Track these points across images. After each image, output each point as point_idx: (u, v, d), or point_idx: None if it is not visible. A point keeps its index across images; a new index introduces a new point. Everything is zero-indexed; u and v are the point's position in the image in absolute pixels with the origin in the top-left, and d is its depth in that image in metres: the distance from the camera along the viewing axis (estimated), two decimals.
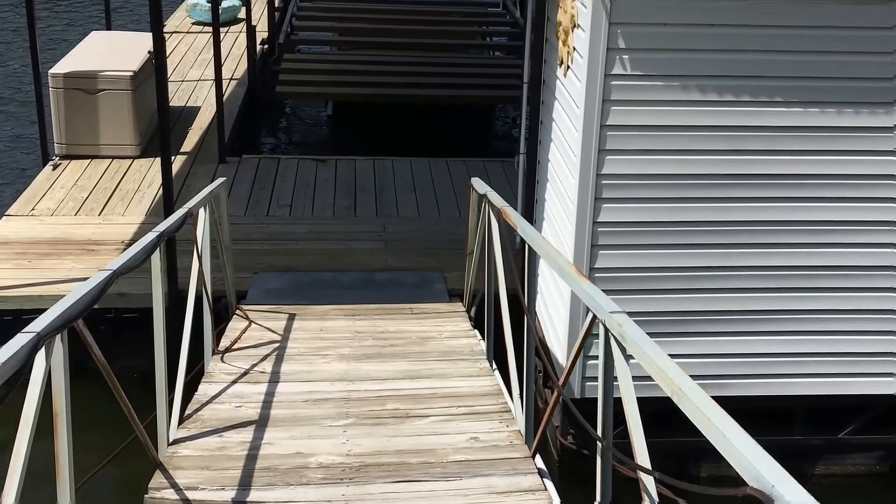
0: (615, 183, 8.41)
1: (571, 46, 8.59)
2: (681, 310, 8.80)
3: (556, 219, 9.27)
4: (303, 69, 17.51)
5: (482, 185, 8.89)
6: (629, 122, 8.24)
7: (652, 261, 8.63)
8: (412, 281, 10.93)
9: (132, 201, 12.76)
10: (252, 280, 10.84)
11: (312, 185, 13.46)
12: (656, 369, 4.45)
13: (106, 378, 5.93)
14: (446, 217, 12.61)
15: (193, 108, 16.16)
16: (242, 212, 12.62)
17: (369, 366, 8.68)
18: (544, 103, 9.84)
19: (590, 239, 8.54)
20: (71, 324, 5.16)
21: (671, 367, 4.38)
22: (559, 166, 9.17)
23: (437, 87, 16.63)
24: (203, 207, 8.83)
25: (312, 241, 11.85)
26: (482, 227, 9.06)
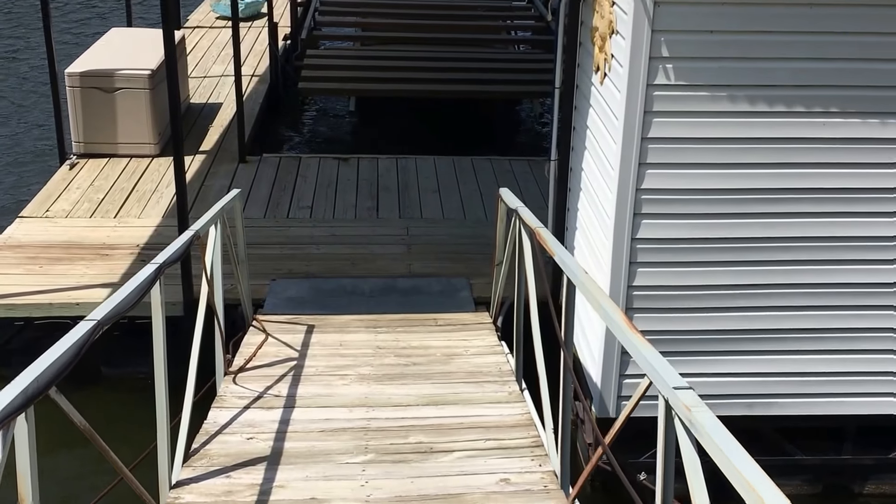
0: (656, 198, 7.55)
1: (609, 53, 7.71)
2: (722, 328, 7.95)
3: (591, 231, 8.41)
4: (325, 65, 16.62)
5: (512, 199, 8.03)
6: (671, 134, 7.38)
7: (692, 279, 7.78)
8: (436, 288, 10.08)
9: (149, 203, 11.95)
10: (270, 287, 10.02)
11: (334, 184, 12.60)
12: (736, 476, 3.55)
13: (90, 439, 5.10)
14: (471, 219, 11.76)
15: (215, 105, 15.32)
16: (262, 214, 11.79)
17: (391, 388, 7.84)
18: (577, 109, 8.97)
19: (628, 256, 7.69)
20: (39, 398, 4.29)
21: (755, 474, 3.47)
22: (594, 177, 8.30)
23: (461, 83, 15.72)
24: (214, 225, 8.00)
25: (333, 244, 11.01)
26: (511, 241, 8.21)
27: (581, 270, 5.92)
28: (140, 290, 5.86)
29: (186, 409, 6.96)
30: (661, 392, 4.38)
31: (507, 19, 20.58)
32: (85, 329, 4.99)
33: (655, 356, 4.58)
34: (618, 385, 8.06)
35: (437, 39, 18.18)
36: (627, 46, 7.18)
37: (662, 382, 4.36)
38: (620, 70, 7.40)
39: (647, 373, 4.61)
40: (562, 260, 6.22)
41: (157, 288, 6.26)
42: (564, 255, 6.25)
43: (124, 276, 10.05)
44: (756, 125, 7.37)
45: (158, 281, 6.27)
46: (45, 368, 4.43)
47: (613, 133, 7.62)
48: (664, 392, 4.35)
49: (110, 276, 10.09)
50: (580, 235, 8.89)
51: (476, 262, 10.53)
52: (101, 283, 9.98)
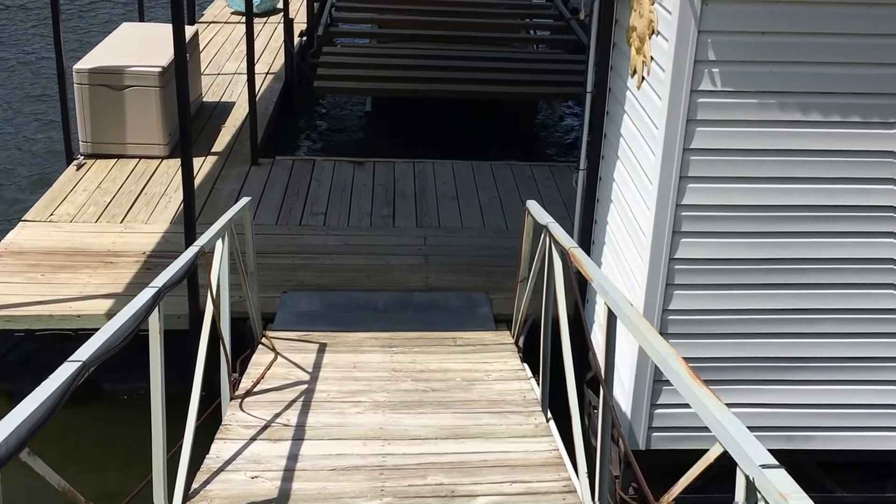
0: (696, 214, 6.75)
1: (648, 56, 6.91)
2: (762, 356, 7.16)
3: (623, 248, 7.61)
4: (341, 63, 15.81)
5: (542, 213, 7.26)
6: (716, 145, 6.58)
7: (731, 302, 6.99)
8: (455, 304, 9.30)
9: (157, 207, 11.19)
10: (281, 300, 9.26)
11: (349, 190, 11.80)
12: None
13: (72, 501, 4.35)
14: (491, 228, 10.94)
15: (228, 104, 14.54)
16: (274, 220, 11.01)
17: (408, 418, 7.08)
18: (609, 114, 8.17)
19: (665, 277, 6.90)
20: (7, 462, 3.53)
21: None
22: (627, 189, 7.51)
23: (479, 83, 14.87)
24: (221, 238, 7.23)
25: (347, 255, 10.23)
26: (539, 258, 7.44)
27: (626, 301, 5.13)
28: (136, 320, 5.12)
29: (187, 440, 6.23)
30: (744, 469, 3.56)
31: (526, 17, 19.75)
32: (68, 373, 4.24)
33: (733, 422, 3.73)
34: (648, 416, 7.28)
35: (454, 37, 17.36)
36: (670, 48, 6.38)
37: (746, 458, 3.53)
38: (661, 74, 6.61)
39: (721, 441, 3.78)
40: (602, 287, 5.43)
41: (155, 315, 5.52)
42: (604, 282, 5.46)
43: (129, 286, 9.35)
44: (808, 136, 6.56)
45: (157, 307, 5.51)
46: (17, 426, 3.69)
47: (652, 143, 6.83)
48: (748, 470, 3.53)
49: (114, 286, 9.37)
50: (609, 251, 8.10)
51: (495, 275, 9.78)
52: (105, 293, 9.26)
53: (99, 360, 4.57)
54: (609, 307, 5.31)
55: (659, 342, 4.45)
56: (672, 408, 7.20)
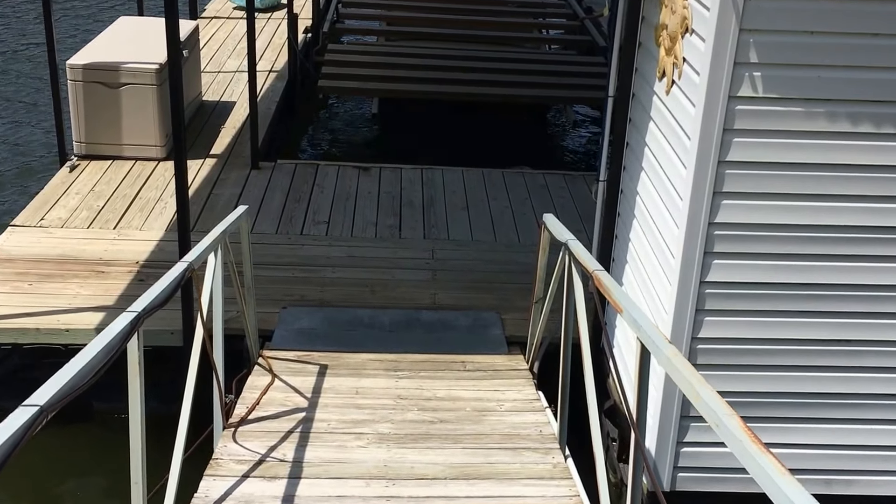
0: (731, 234, 6.14)
1: (680, 57, 6.29)
2: (801, 391, 6.55)
3: (648, 268, 6.99)
4: (347, 61, 15.19)
5: (560, 229, 6.64)
6: (755, 157, 5.96)
7: (770, 331, 6.38)
8: (464, 323, 8.68)
9: (152, 213, 10.59)
10: (280, 316, 8.66)
11: (353, 197, 11.18)
12: None
13: None
14: (503, 242, 10.30)
15: (228, 104, 13.92)
16: (274, 229, 10.40)
17: (414, 454, 6.48)
18: (632, 122, 7.56)
19: (694, 302, 6.28)
20: None
21: None
22: (653, 204, 6.89)
23: (491, 85, 14.24)
24: (214, 251, 6.62)
25: (351, 268, 9.61)
26: (557, 278, 6.83)
27: (663, 338, 4.50)
28: (108, 352, 4.50)
29: (173, 476, 5.68)
30: None
31: (539, 17, 19.10)
32: (22, 420, 3.62)
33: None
34: (674, 454, 6.66)
35: (465, 37, 16.73)
36: (707, 49, 5.76)
37: None
38: (695, 78, 5.98)
39: None
40: (635, 321, 4.79)
41: (133, 343, 4.92)
42: (638, 315, 4.83)
43: (120, 298, 8.78)
44: (858, 149, 5.94)
45: (136, 334, 4.92)
46: None
47: (682, 154, 6.21)
48: None
49: (105, 298, 8.80)
50: (631, 270, 7.48)
51: (507, 292, 9.15)
52: (95, 305, 8.69)
53: (61, 403, 3.96)
54: (643, 343, 4.69)
55: (710, 394, 3.80)
56: (701, 446, 6.58)
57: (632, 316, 4.79)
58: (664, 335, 4.57)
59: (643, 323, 4.68)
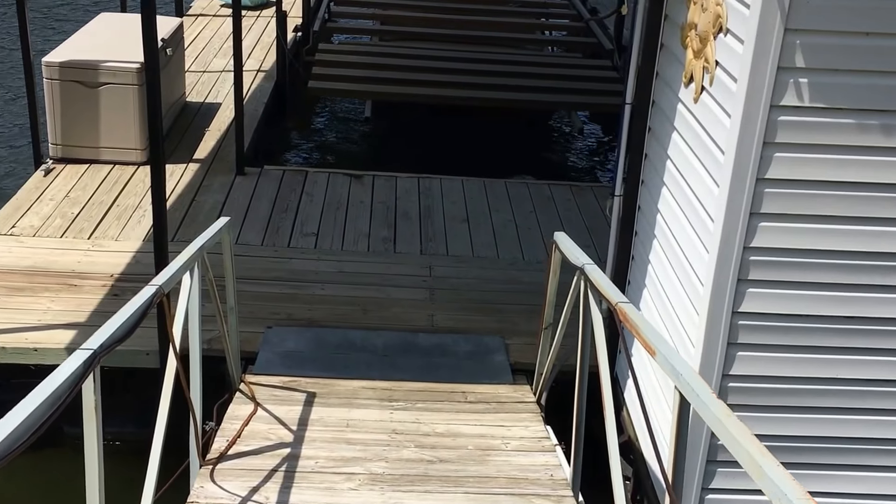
0: (769, 260, 5.49)
1: (712, 61, 5.64)
2: (845, 435, 5.88)
3: (671, 295, 6.34)
4: (339, 62, 14.53)
5: (575, 250, 5.99)
6: (798, 174, 5.31)
7: (811, 368, 5.72)
8: (465, 348, 8.02)
9: (129, 221, 9.94)
10: (264, 337, 8.01)
11: (344, 207, 10.51)
12: None
13: None
14: (506, 258, 9.63)
15: (214, 105, 13.25)
16: (259, 240, 9.74)
17: (412, 499, 5.88)
18: (652, 131, 6.91)
19: (726, 335, 5.63)
20: None
21: None
22: (677, 224, 6.24)
23: (491, 89, 13.57)
24: (189, 270, 5.97)
25: (342, 284, 8.94)
26: (570, 304, 6.19)
27: (709, 391, 3.84)
28: (57, 399, 3.85)
29: None
30: None
31: (541, 17, 18.43)
32: None
33: None
34: (699, 500, 6.01)
35: (463, 37, 16.02)
36: (746, 51, 5.11)
37: None
38: (731, 84, 5.34)
39: None
40: (673, 369, 4.12)
41: (89, 385, 4.27)
42: (677, 361, 4.16)
43: (93, 314, 8.17)
44: None
45: (91, 374, 4.27)
46: None
47: (714, 170, 5.57)
48: None
49: (77, 315, 8.18)
50: (650, 296, 6.83)
51: (511, 314, 8.52)
52: (66, 322, 8.08)
53: None
54: (681, 393, 4.03)
55: (777, 472, 3.14)
56: (729, 493, 5.93)
57: (669, 362, 4.14)
58: (707, 386, 3.92)
59: (683, 370, 4.03)
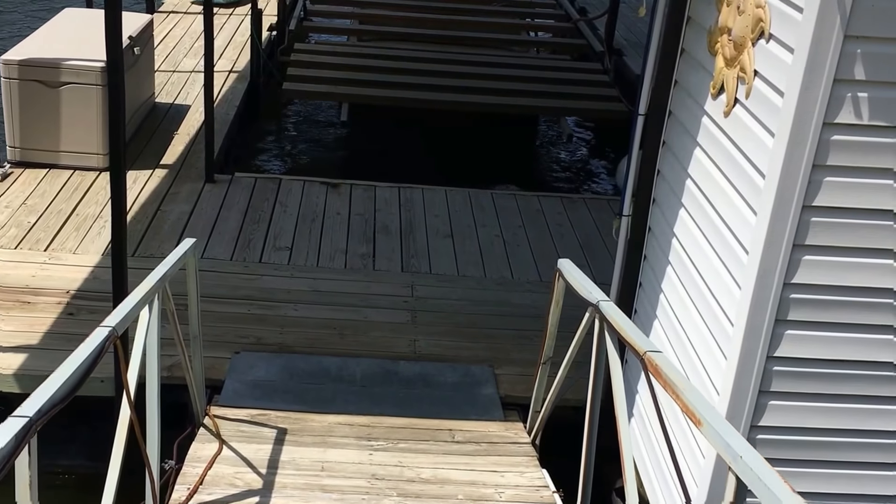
0: (812, 298, 4.72)
1: (749, 70, 4.84)
2: (888, 494, 5.09)
3: (690, 334, 5.54)
4: (315, 62, 13.67)
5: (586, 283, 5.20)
6: (852, 202, 4.55)
7: (854, 420, 4.96)
8: (451, 379, 7.21)
9: (89, 232, 9.08)
10: (231, 364, 7.19)
11: (320, 219, 9.66)
12: None
13: None
14: (493, 278, 8.80)
15: (183, 107, 12.37)
16: (229, 255, 8.88)
17: None
18: (666, 145, 6.12)
19: (758, 381, 4.85)
20: None
21: None
22: (698, 252, 5.45)
23: (476, 93, 12.74)
24: (149, 304, 5.16)
25: (316, 305, 8.11)
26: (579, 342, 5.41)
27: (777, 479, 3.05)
28: None
29: None
30: None
31: (527, 17, 17.61)
32: None
33: None
34: None
35: (445, 38, 15.17)
36: (797, 61, 4.32)
37: None
38: (775, 98, 4.55)
39: None
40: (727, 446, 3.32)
41: (23, 459, 3.50)
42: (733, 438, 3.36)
43: (46, 336, 7.37)
44: None
45: (27, 446, 3.49)
46: None
47: (751, 195, 4.78)
48: None
49: (28, 336, 7.36)
50: (663, 329, 6.03)
51: (500, 340, 7.73)
52: (16, 345, 7.26)
53: None
54: (737, 475, 3.24)
55: None
56: None
57: (724, 439, 3.33)
58: (773, 470, 3.12)
59: (743, 450, 3.23)
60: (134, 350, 5.07)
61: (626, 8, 15.34)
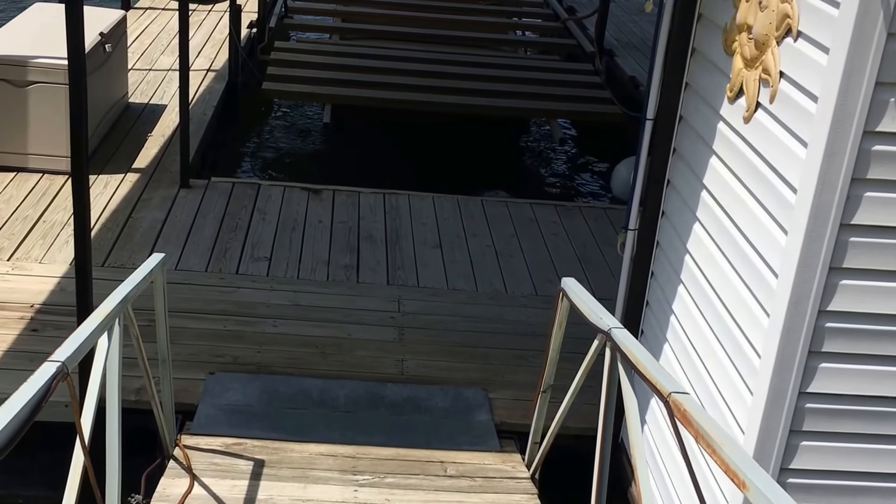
0: (850, 327, 4.21)
1: (773, 71, 4.32)
2: None
3: (708, 362, 5.01)
4: (297, 61, 13.16)
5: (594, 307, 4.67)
6: (891, 220, 4.02)
7: (891, 462, 4.44)
8: (441, 404, 6.66)
9: (57, 239, 8.53)
10: (205, 386, 6.65)
11: (301, 227, 9.11)
12: None
13: None
14: (486, 291, 8.25)
15: (158, 107, 11.81)
16: (203, 265, 8.32)
17: None
18: (677, 153, 5.60)
19: (788, 420, 4.34)
20: None
21: None
22: (717, 274, 4.93)
23: (464, 94, 12.26)
24: (108, 331, 4.62)
25: (296, 321, 7.56)
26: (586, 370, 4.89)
27: None
28: None
29: None
30: None
31: (514, 17, 17.11)
32: None
33: None
34: None
35: (430, 37, 14.70)
36: (834, 62, 3.81)
37: None
38: (806, 103, 4.04)
39: None
40: None
41: None
42: None
43: (6, 354, 6.82)
44: None
45: None
46: None
47: (779, 211, 4.26)
48: None
49: None
50: (674, 352, 5.51)
51: (494, 360, 7.21)
52: None
53: None
54: None
55: None
56: None
57: None
58: None
59: None
60: (91, 381, 4.52)
61: (616, 7, 14.92)
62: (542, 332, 7.53)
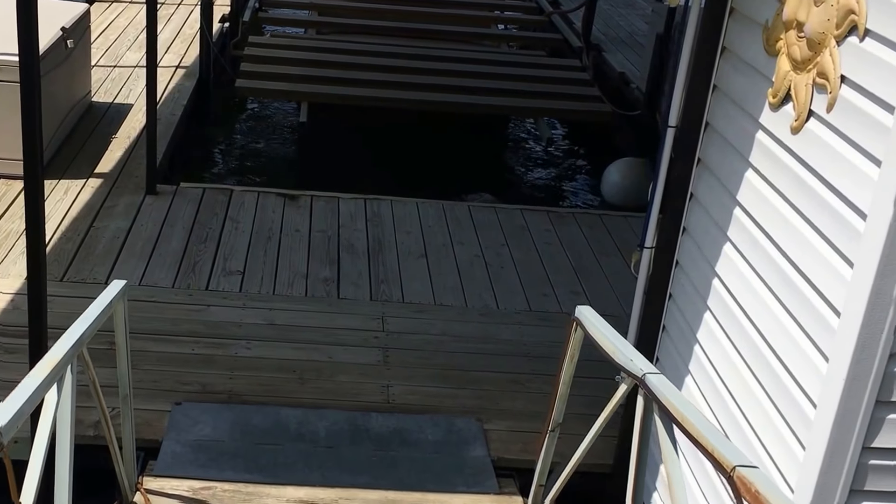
0: None
1: (834, 76, 3.65)
2: None
3: (747, 409, 4.34)
4: (272, 57, 12.49)
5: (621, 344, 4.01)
6: None
7: None
8: (432, 436, 5.99)
9: (11, 252, 7.82)
10: (170, 419, 5.96)
11: (277, 237, 8.41)
12: None
13: None
14: (476, 307, 7.58)
15: (124, 107, 11.08)
16: (171, 280, 7.62)
17: None
18: (702, 163, 4.93)
19: (849, 479, 3.69)
20: None
21: None
22: (759, 306, 4.26)
23: (446, 91, 11.64)
24: (58, 382, 3.94)
25: (272, 342, 6.87)
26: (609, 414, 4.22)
27: None
28: None
29: None
30: None
31: (496, 10, 16.48)
32: None
33: None
34: None
35: (411, 31, 14.11)
36: None
37: None
38: (879, 114, 3.38)
39: None
40: None
41: None
42: None
43: None
44: None
45: None
46: None
47: (843, 240, 3.60)
48: None
49: None
50: (697, 385, 4.84)
51: (488, 385, 6.56)
52: None
53: None
54: None
55: None
56: None
57: None
58: None
59: None
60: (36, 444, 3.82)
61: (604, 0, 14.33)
62: (537, 353, 6.92)
